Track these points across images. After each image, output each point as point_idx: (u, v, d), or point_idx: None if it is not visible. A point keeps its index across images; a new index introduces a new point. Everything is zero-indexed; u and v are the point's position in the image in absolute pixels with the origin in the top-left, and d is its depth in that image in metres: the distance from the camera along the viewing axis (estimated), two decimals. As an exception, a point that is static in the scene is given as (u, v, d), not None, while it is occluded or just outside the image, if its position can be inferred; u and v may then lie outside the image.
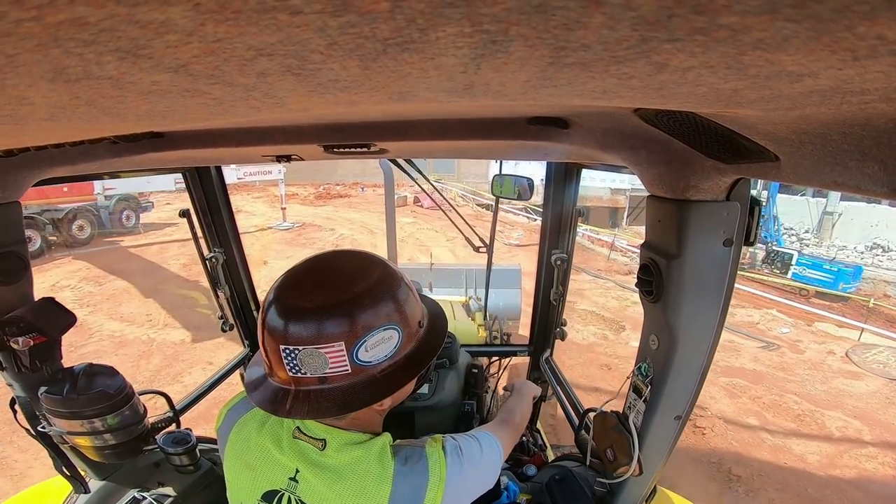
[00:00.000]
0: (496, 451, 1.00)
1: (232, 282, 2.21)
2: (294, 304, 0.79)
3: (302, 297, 0.79)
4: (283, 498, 0.87)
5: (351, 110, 0.81)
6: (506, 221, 18.21)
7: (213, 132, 1.12)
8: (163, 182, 15.42)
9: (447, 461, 0.87)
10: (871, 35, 0.20)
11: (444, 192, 24.77)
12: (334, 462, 0.85)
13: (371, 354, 0.79)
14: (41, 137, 0.53)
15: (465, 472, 0.89)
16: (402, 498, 0.83)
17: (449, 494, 0.86)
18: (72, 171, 1.17)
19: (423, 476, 0.85)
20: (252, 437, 0.92)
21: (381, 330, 0.80)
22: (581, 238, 17.84)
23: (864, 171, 0.44)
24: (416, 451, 0.88)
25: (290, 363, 0.79)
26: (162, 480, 1.49)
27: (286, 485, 0.87)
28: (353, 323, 0.77)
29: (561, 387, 2.11)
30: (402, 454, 0.86)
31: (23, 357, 1.14)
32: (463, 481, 0.89)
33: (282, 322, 0.78)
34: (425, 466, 0.86)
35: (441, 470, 0.86)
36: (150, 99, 0.32)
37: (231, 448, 0.95)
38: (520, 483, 1.66)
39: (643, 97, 0.38)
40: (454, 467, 0.87)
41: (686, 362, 0.98)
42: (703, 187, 0.81)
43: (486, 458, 0.97)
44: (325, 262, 0.88)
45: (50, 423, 1.22)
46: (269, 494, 0.88)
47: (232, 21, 0.20)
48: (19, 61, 0.22)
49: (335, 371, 0.78)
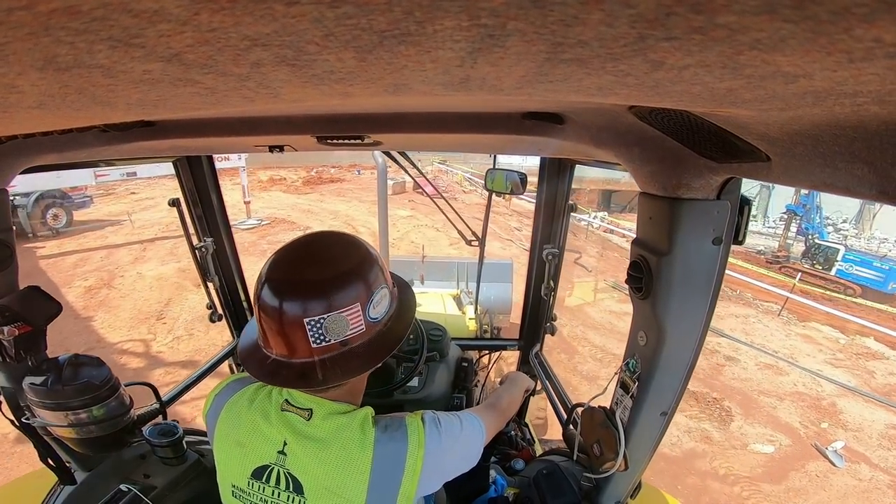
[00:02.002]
0: (477, 430, 1.04)
1: (222, 272, 2.19)
2: (309, 279, 0.86)
3: (316, 271, 0.86)
4: (272, 472, 0.90)
5: (345, 102, 0.80)
6: (521, 212, 17.32)
7: (205, 121, 1.10)
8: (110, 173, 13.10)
9: (425, 430, 0.92)
10: (868, 37, 0.21)
11: (450, 176, 24.29)
12: (319, 431, 0.89)
13: (377, 311, 0.91)
14: (29, 125, 0.52)
15: (444, 444, 0.94)
16: (383, 464, 0.87)
17: (428, 463, 0.90)
18: (60, 159, 1.15)
19: (403, 442, 0.89)
20: (242, 415, 0.95)
21: (380, 289, 0.91)
22: (604, 232, 16.50)
23: (853, 172, 0.45)
24: (395, 420, 0.93)
25: (314, 335, 0.84)
26: (148, 472, 1.48)
27: (275, 458, 0.90)
28: (363, 285, 0.88)
29: (550, 381, 2.13)
30: (383, 423, 0.92)
31: (7, 347, 1.12)
32: (442, 451, 0.93)
33: (301, 298, 0.84)
34: (404, 434, 0.91)
35: (420, 436, 0.91)
36: (141, 88, 0.31)
37: (221, 428, 0.97)
38: (508, 477, 1.68)
39: (638, 95, 0.38)
40: (432, 436, 0.92)
41: (673, 359, 1.00)
42: (695, 185, 0.81)
43: (466, 434, 1.01)
44: (312, 242, 0.95)
45: (34, 415, 1.20)
46: (258, 471, 0.91)
47: (227, 11, 0.19)
48: (9, 50, 0.22)
49: (354, 331, 0.87)
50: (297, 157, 25.18)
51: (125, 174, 14.54)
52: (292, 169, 25.08)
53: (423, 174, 2.52)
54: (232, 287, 2.27)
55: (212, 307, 2.17)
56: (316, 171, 25.19)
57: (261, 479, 0.91)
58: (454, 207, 2.57)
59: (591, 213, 17.46)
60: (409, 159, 2.26)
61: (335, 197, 19.73)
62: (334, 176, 24.24)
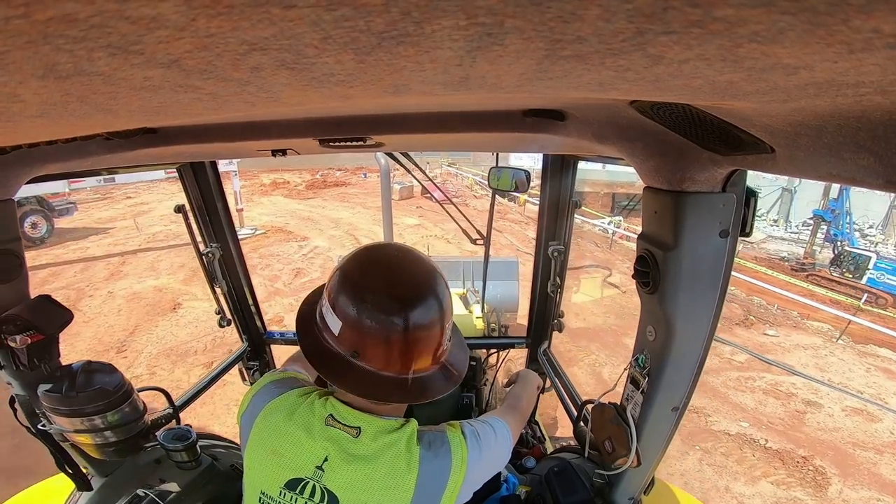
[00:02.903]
0: (507, 437, 1.05)
1: (229, 276, 2.20)
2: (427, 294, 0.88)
3: (410, 291, 0.87)
4: (307, 486, 0.88)
5: (346, 104, 0.80)
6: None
7: (207, 127, 1.11)
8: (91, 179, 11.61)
9: (467, 444, 0.92)
10: (867, 28, 0.20)
11: (460, 179, 23.89)
12: (367, 450, 0.88)
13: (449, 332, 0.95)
14: (33, 134, 0.53)
15: (484, 457, 0.94)
16: (427, 481, 0.87)
17: (468, 477, 0.90)
18: (64, 168, 1.17)
19: (447, 460, 0.89)
20: (281, 425, 0.92)
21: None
22: (620, 239, 14.53)
23: (859, 163, 0.44)
24: (438, 436, 0.93)
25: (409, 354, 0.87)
26: (163, 477, 1.49)
27: (312, 473, 0.88)
28: (447, 306, 0.91)
29: (559, 378, 2.12)
30: (426, 439, 0.91)
31: (20, 355, 1.14)
32: (481, 465, 0.94)
33: (404, 317, 0.85)
34: (448, 451, 0.90)
35: (463, 453, 0.91)
36: (142, 95, 0.32)
37: (256, 434, 0.94)
38: (519, 475, 1.68)
39: (639, 89, 0.37)
40: (474, 452, 0.92)
41: (683, 353, 0.99)
42: (699, 179, 0.81)
43: (500, 443, 1.02)
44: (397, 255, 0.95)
45: (50, 422, 1.22)
46: (293, 482, 0.89)
47: (224, 15, 0.19)
48: (9, 59, 0.22)
49: (442, 349, 0.91)
50: (303, 160, 24.36)
51: (101, 180, 13.40)
52: (297, 172, 24.34)
53: (430, 178, 2.52)
54: (240, 292, 2.28)
55: (220, 312, 2.18)
56: (321, 174, 24.64)
57: (294, 491, 0.88)
58: (462, 211, 2.55)
59: (607, 219, 16.68)
60: (413, 161, 2.26)
61: (338, 202, 18.55)
62: (339, 179, 23.66)
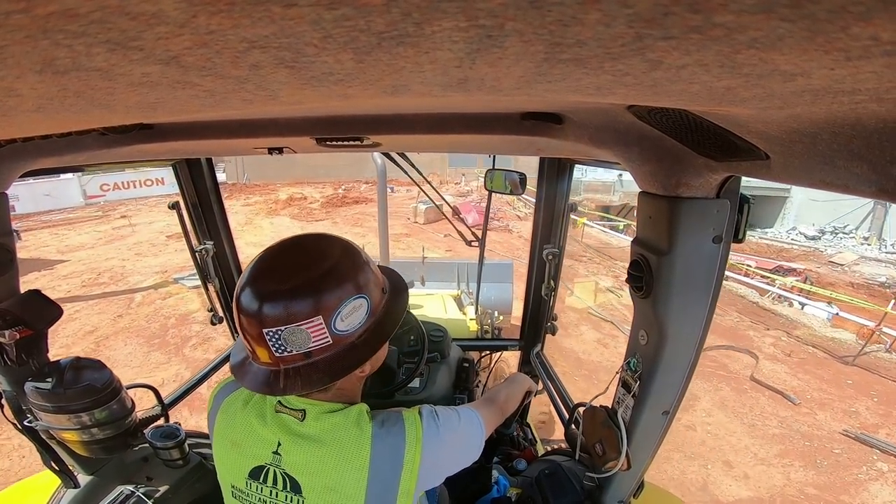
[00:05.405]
0: (476, 424, 1.04)
1: (222, 274, 2.19)
2: (269, 289, 0.83)
3: (276, 281, 0.83)
4: (269, 473, 0.90)
5: (344, 103, 0.80)
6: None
7: (204, 124, 1.10)
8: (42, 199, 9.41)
9: (423, 423, 0.92)
10: (865, 36, 0.21)
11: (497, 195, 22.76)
12: (313, 430, 0.89)
13: (347, 323, 0.85)
14: (28, 129, 0.52)
15: (442, 437, 0.93)
16: (381, 459, 0.87)
17: (427, 457, 0.90)
18: (59, 163, 1.15)
19: (400, 437, 0.89)
20: (237, 415, 0.95)
21: (352, 300, 0.85)
22: None
23: (852, 170, 0.45)
24: (392, 415, 0.93)
25: (274, 344, 0.82)
26: (151, 475, 1.48)
27: (270, 459, 0.90)
28: (326, 297, 0.83)
29: (551, 381, 2.13)
30: (380, 418, 0.91)
31: (9, 350, 1.12)
32: (440, 445, 0.93)
33: (259, 306, 0.82)
34: (402, 428, 0.90)
35: (417, 431, 0.90)
36: (140, 90, 0.31)
37: (218, 428, 0.98)
38: (510, 477, 1.68)
39: (637, 94, 0.38)
40: (430, 430, 0.92)
41: (674, 358, 1.00)
42: (694, 184, 0.81)
43: (465, 428, 1.00)
44: (291, 247, 0.91)
45: (37, 418, 1.20)
46: (255, 471, 0.91)
47: (225, 13, 0.19)
48: (7, 53, 0.22)
49: (318, 344, 0.83)
50: (331, 171, 22.81)
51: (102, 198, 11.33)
52: (319, 186, 21.47)
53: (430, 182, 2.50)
54: (232, 288, 2.27)
55: (212, 310, 2.17)
56: (344, 188, 21.31)
57: (258, 480, 0.91)
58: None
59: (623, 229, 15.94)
60: (410, 161, 2.26)
61: (350, 226, 15.51)
62: (361, 195, 20.09)
